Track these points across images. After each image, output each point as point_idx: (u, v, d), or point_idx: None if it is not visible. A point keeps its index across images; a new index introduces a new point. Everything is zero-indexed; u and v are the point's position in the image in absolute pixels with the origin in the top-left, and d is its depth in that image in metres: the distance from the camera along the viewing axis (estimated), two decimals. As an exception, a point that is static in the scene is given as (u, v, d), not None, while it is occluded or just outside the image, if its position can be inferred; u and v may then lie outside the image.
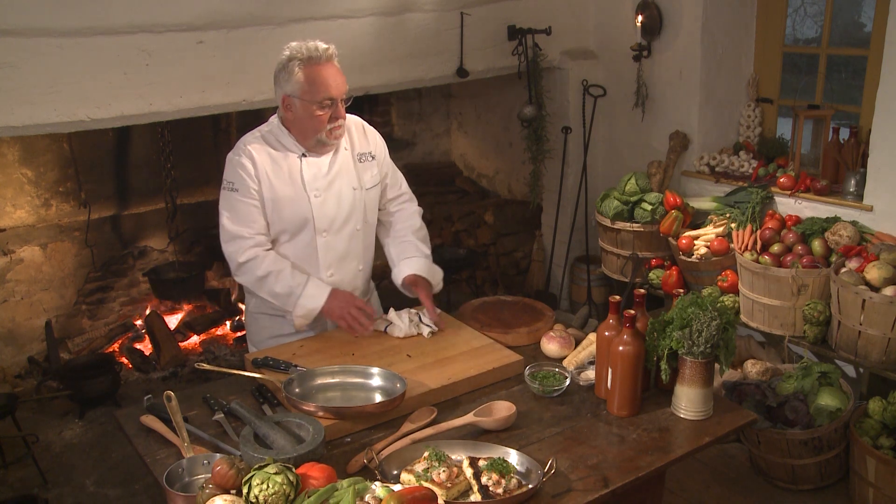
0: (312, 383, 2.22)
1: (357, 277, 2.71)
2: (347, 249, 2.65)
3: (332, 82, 2.42)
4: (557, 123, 4.74)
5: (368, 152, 2.67)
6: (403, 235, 2.76)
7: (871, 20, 3.90)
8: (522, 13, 4.39)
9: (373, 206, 2.70)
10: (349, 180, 2.60)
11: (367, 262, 2.75)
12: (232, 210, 2.50)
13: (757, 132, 4.40)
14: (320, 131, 2.47)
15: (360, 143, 2.66)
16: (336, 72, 2.45)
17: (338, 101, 2.44)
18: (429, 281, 2.69)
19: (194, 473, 1.88)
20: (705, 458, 3.52)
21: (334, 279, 2.63)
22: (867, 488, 3.11)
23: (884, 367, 3.25)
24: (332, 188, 2.56)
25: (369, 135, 2.70)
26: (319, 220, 2.56)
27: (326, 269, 2.62)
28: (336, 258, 2.63)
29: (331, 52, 2.45)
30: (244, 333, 4.70)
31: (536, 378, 2.29)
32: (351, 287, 2.68)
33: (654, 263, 4.24)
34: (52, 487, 3.49)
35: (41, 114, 3.12)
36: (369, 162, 2.66)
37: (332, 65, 2.45)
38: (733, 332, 2.17)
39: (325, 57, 2.43)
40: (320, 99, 2.42)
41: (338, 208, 2.58)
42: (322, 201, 2.55)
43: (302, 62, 2.41)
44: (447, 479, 1.79)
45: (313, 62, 2.41)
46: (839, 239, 3.53)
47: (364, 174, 2.64)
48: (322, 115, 2.44)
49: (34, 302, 4.38)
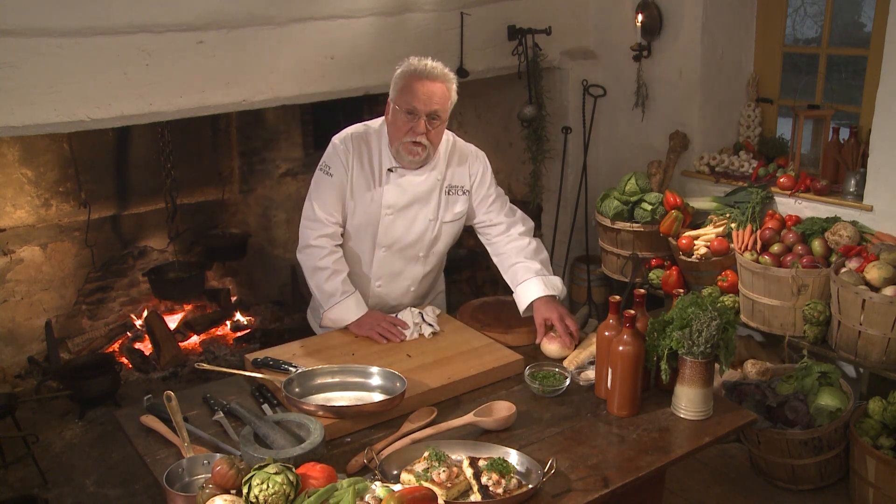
0: (312, 383, 2.22)
1: (405, 295, 2.75)
2: (402, 269, 2.68)
3: (422, 96, 2.43)
4: (557, 123, 4.74)
5: (461, 186, 2.66)
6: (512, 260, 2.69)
7: (871, 20, 3.90)
8: (522, 13, 4.38)
9: (447, 238, 2.71)
10: (428, 210, 2.61)
11: (423, 284, 2.77)
12: (320, 193, 2.56)
13: (757, 132, 4.40)
14: (398, 140, 2.49)
15: (457, 176, 2.65)
16: (433, 91, 2.44)
17: (421, 114, 2.43)
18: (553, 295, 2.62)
19: (194, 473, 1.88)
20: (705, 458, 3.52)
21: (381, 290, 2.70)
22: (867, 488, 3.11)
23: (884, 367, 3.25)
24: (407, 213, 2.59)
25: (472, 168, 2.67)
26: (383, 237, 2.60)
27: (376, 280, 2.68)
28: (389, 273, 2.67)
29: (438, 72, 2.48)
30: (244, 333, 4.74)
31: (536, 378, 2.29)
32: (397, 302, 2.73)
33: (654, 263, 4.24)
34: (52, 487, 3.49)
35: (41, 114, 3.12)
36: (458, 196, 2.66)
37: (434, 85, 2.45)
38: (733, 332, 2.17)
39: (429, 74, 2.46)
40: (404, 106, 2.45)
41: (406, 232, 2.61)
42: (391, 221, 2.58)
43: (410, 73, 2.47)
44: (447, 479, 1.79)
45: (417, 74, 2.45)
46: (839, 239, 3.53)
47: (448, 208, 2.65)
48: (402, 124, 2.46)
49: (34, 302, 4.38)
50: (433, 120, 2.46)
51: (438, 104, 2.45)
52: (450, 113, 2.54)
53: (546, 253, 2.74)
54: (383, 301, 2.73)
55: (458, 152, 2.66)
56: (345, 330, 2.61)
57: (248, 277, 5.18)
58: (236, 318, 4.89)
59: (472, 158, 2.69)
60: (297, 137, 5.10)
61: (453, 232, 2.71)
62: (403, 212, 2.59)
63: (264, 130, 4.97)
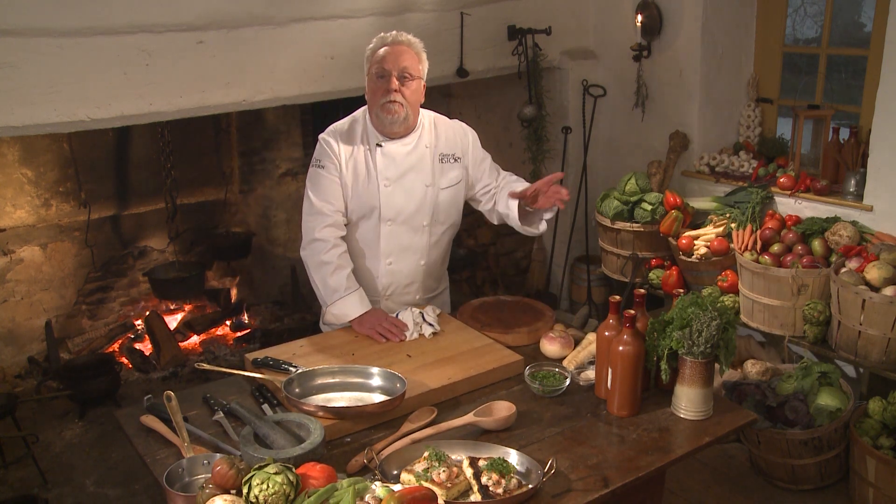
0: (312, 383, 2.22)
1: (417, 271, 2.77)
2: (411, 242, 2.72)
3: (389, 57, 2.54)
4: (557, 123, 4.74)
5: (452, 154, 2.74)
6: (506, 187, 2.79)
7: (871, 20, 3.90)
8: (522, 13, 4.39)
9: (447, 207, 2.75)
10: (423, 177, 2.67)
11: (432, 258, 2.79)
12: (317, 185, 2.64)
13: (757, 132, 4.40)
14: (375, 104, 2.58)
15: (447, 144, 2.74)
16: (399, 51, 2.55)
17: (390, 73, 2.52)
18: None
19: (194, 473, 1.88)
20: (705, 458, 3.52)
21: (393, 267, 2.73)
22: (867, 488, 3.11)
23: (884, 367, 3.25)
24: (404, 180, 2.65)
25: (459, 137, 2.77)
26: (386, 208, 2.65)
27: (386, 257, 2.71)
28: (398, 248, 2.71)
29: (403, 38, 2.58)
30: (244, 333, 4.74)
31: (536, 378, 2.29)
32: (409, 279, 2.77)
33: (654, 263, 4.24)
34: (52, 487, 3.49)
35: (41, 114, 3.12)
36: (451, 164, 2.73)
37: (398, 47, 2.56)
38: (733, 332, 2.17)
39: (394, 40, 2.57)
40: (375, 71, 2.55)
41: (406, 200, 2.66)
42: (391, 191, 2.64)
43: (377, 44, 2.60)
44: (447, 479, 1.79)
45: (383, 41, 2.59)
46: (839, 239, 3.53)
47: (443, 175, 2.71)
48: (375, 87, 2.55)
49: (34, 302, 4.38)
50: (404, 78, 2.54)
51: (406, 62, 2.55)
52: (424, 77, 2.63)
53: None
54: (396, 280, 2.76)
55: (443, 124, 2.77)
56: (345, 330, 2.61)
57: (248, 277, 5.18)
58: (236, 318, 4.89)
59: (457, 128, 2.80)
60: (297, 137, 5.10)
61: (452, 200, 2.75)
62: (400, 181, 2.65)
63: (264, 130, 4.97)
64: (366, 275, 2.75)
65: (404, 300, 2.78)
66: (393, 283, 2.76)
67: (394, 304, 2.77)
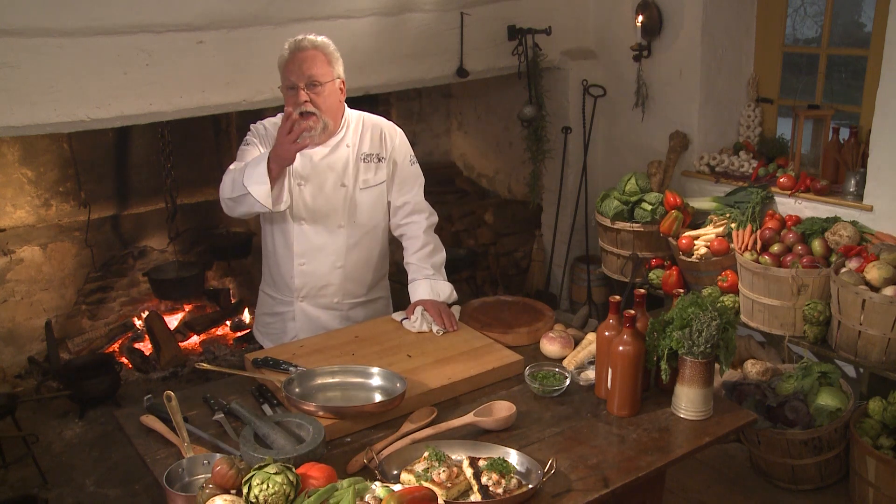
0: (312, 383, 2.22)
1: (332, 273, 2.68)
2: (324, 243, 2.64)
3: (294, 67, 2.43)
4: (557, 123, 4.74)
5: (376, 154, 2.65)
6: (408, 258, 2.75)
7: (871, 20, 3.90)
8: (522, 13, 4.38)
9: (368, 208, 2.66)
10: (338, 176, 2.60)
11: (350, 261, 2.69)
12: (239, 158, 2.58)
13: (757, 132, 4.40)
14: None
15: (370, 144, 2.64)
16: (302, 59, 2.43)
17: (297, 86, 2.43)
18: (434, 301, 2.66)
19: (194, 473, 1.88)
20: (705, 458, 3.52)
21: (305, 268, 2.66)
22: (867, 488, 3.11)
23: (884, 367, 3.25)
24: (316, 180, 2.58)
25: (387, 138, 2.67)
26: (296, 207, 2.59)
27: (299, 258, 2.65)
28: (310, 249, 2.64)
29: (308, 42, 2.46)
30: (244, 333, 4.74)
31: (536, 378, 2.29)
32: (324, 282, 2.69)
33: (654, 263, 4.24)
34: (52, 487, 3.49)
35: (41, 114, 3.12)
36: (374, 163, 2.64)
37: (302, 54, 2.44)
38: (733, 332, 2.17)
39: (299, 46, 2.45)
40: (285, 85, 2.48)
41: (319, 200, 2.59)
42: (303, 190, 2.58)
43: (283, 54, 2.49)
44: (447, 479, 1.79)
45: (289, 50, 2.47)
46: (839, 239, 3.53)
47: (363, 174, 2.63)
48: (288, 101, 2.48)
49: (34, 302, 4.38)
50: (313, 87, 2.44)
51: (313, 69, 2.43)
52: (338, 77, 2.51)
53: (443, 254, 2.77)
54: (309, 282, 2.68)
55: (371, 123, 2.67)
56: (345, 329, 2.61)
57: (248, 277, 5.18)
58: (236, 318, 4.89)
59: (386, 128, 2.69)
60: (297, 137, 5.09)
61: (373, 201, 2.67)
62: (314, 180, 2.57)
63: (264, 130, 4.97)
64: (280, 273, 2.71)
65: (321, 303, 2.71)
66: (306, 284, 2.68)
67: (309, 305, 2.71)
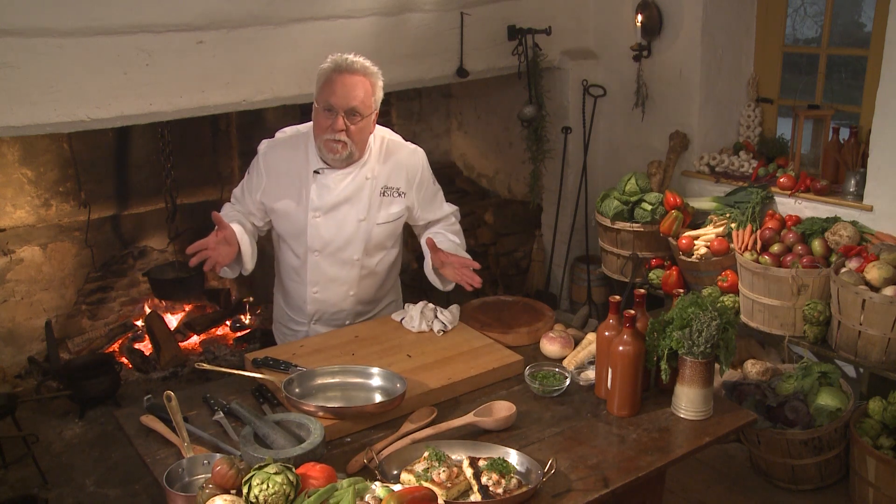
0: (312, 383, 2.22)
1: (345, 301, 2.68)
2: (338, 274, 2.62)
3: (339, 91, 2.38)
4: (557, 123, 4.74)
5: (397, 188, 2.58)
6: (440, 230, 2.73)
7: (871, 20, 3.90)
8: (522, 13, 4.38)
9: (382, 240, 2.62)
10: (357, 210, 2.54)
11: (363, 288, 2.68)
12: (243, 183, 2.66)
13: (757, 132, 4.40)
14: (319, 138, 2.46)
15: (392, 176, 2.57)
16: (351, 84, 2.39)
17: (337, 111, 2.39)
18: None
19: (194, 473, 1.88)
20: (705, 458, 3.52)
21: (318, 296, 2.65)
22: (867, 488, 3.11)
23: (884, 367, 3.25)
24: (335, 213, 2.54)
25: (407, 170, 2.60)
26: (313, 239, 2.56)
27: (312, 286, 2.64)
28: (324, 278, 2.63)
29: (358, 66, 2.42)
30: (244, 333, 4.74)
31: (536, 378, 2.29)
32: (336, 308, 2.69)
33: (654, 263, 4.24)
34: (52, 487, 3.49)
35: (41, 114, 3.12)
36: (394, 198, 2.58)
37: (352, 78, 2.40)
38: (733, 332, 2.17)
39: (349, 68, 2.41)
40: (322, 104, 2.42)
41: (335, 234, 2.56)
42: (319, 223, 2.54)
43: (329, 68, 2.44)
44: (447, 479, 1.79)
45: (337, 69, 2.42)
46: (839, 239, 3.53)
47: (382, 209, 2.58)
48: (321, 121, 2.43)
49: (34, 302, 4.38)
50: (352, 116, 2.40)
51: (356, 100, 2.39)
52: (376, 109, 2.48)
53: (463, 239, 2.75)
54: (322, 308, 2.68)
55: (393, 152, 2.59)
56: (345, 329, 2.61)
57: (249, 277, 5.17)
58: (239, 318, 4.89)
59: (407, 157, 2.61)
60: (297, 137, 5.10)
61: (389, 234, 2.63)
62: (331, 213, 2.53)
63: (264, 130, 4.96)
64: (294, 297, 2.70)
65: (334, 324, 2.71)
66: (319, 310, 2.68)
67: (322, 327, 2.70)
